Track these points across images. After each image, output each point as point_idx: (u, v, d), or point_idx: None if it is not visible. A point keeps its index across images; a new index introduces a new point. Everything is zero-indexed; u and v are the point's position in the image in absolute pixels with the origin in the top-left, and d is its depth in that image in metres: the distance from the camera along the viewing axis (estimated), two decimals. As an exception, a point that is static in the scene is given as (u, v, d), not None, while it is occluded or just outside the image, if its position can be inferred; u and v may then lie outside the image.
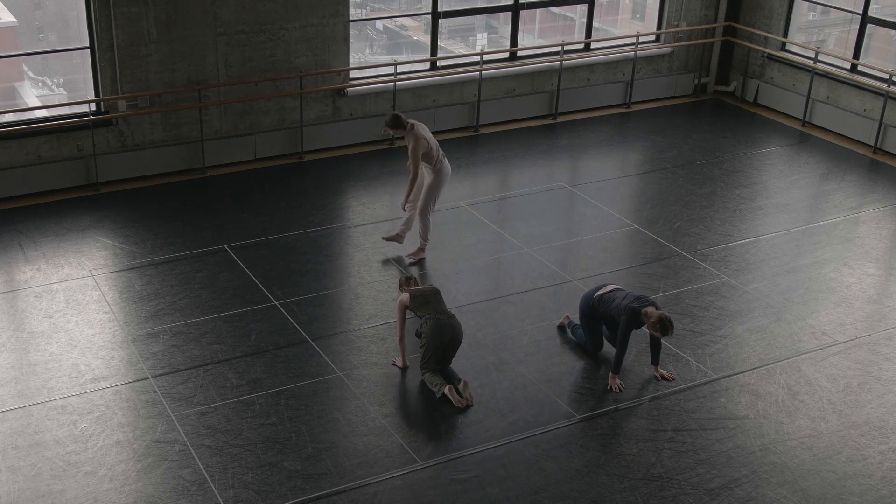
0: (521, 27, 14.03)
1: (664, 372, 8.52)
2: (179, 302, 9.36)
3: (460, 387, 8.09)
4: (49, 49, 12.64)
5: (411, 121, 10.03)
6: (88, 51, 11.44)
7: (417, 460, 7.45)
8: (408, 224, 10.33)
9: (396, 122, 9.94)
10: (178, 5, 11.50)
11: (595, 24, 14.55)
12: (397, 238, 10.35)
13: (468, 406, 8.02)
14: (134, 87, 11.60)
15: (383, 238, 10.43)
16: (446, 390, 8.06)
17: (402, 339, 8.44)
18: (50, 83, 13.18)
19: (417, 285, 8.53)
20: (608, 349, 8.77)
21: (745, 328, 9.30)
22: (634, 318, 8.19)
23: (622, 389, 8.32)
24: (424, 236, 10.22)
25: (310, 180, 12.04)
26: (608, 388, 8.33)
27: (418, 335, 8.25)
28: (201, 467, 7.28)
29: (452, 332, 8.16)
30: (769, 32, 14.83)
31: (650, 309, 8.14)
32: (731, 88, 15.49)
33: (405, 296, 8.30)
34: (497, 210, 11.46)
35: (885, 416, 8.15)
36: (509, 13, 13.93)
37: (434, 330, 8.09)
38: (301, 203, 11.41)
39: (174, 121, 11.95)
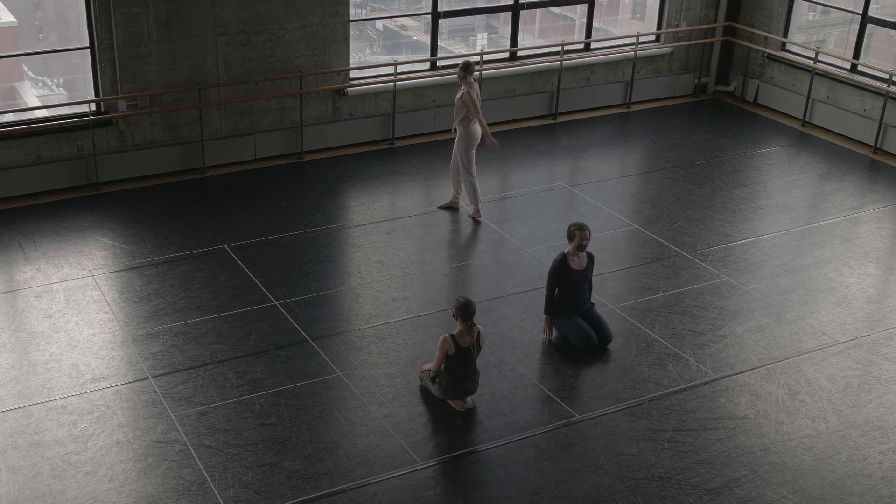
0: (521, 27, 14.04)
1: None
2: (179, 302, 9.36)
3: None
4: (49, 49, 12.65)
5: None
6: (88, 51, 11.44)
7: (417, 460, 7.46)
8: (457, 188, 11.25)
9: (469, 69, 10.67)
10: (178, 5, 11.50)
11: (595, 24, 14.55)
12: (452, 204, 11.28)
13: (468, 410, 8.01)
14: (134, 87, 11.61)
15: (439, 207, 11.27)
16: None
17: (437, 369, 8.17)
18: (50, 83, 13.19)
19: (472, 321, 7.92)
20: (611, 350, 8.79)
21: (745, 328, 9.31)
22: (558, 261, 8.84)
23: (549, 338, 8.89)
24: (474, 200, 11.08)
25: (310, 180, 12.04)
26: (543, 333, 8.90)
27: (433, 380, 8.06)
28: (201, 467, 7.29)
29: (466, 392, 8.06)
30: (769, 32, 14.83)
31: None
32: (731, 88, 15.49)
33: (450, 344, 7.83)
34: (497, 210, 11.46)
35: (885, 416, 8.15)
36: (509, 13, 13.93)
37: (449, 389, 7.97)
38: (301, 203, 11.41)
39: (174, 121, 11.96)
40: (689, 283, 10.03)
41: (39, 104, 12.23)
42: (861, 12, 13.84)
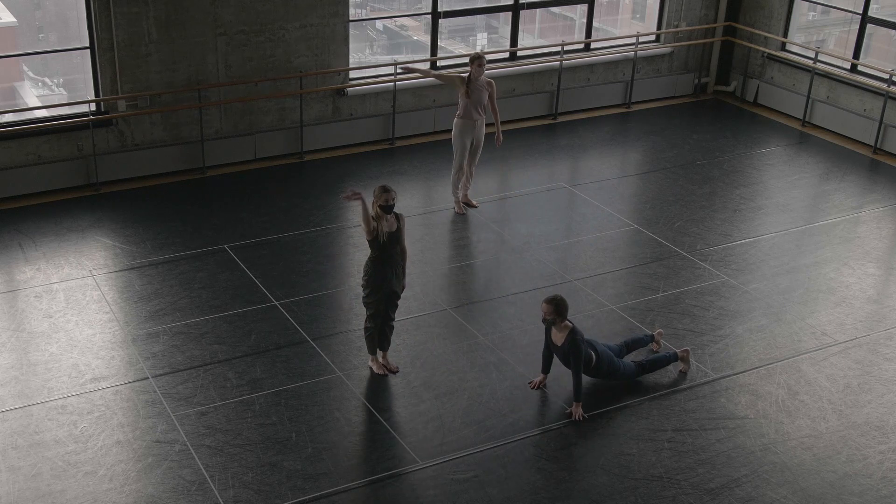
0: (521, 27, 14.03)
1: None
2: (179, 302, 9.36)
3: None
4: (49, 49, 12.64)
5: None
6: (88, 51, 11.44)
7: (417, 460, 7.46)
8: (464, 188, 11.37)
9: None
10: (178, 5, 11.50)
11: (595, 24, 14.55)
12: (465, 205, 11.37)
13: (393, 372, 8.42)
14: (134, 87, 11.60)
15: (459, 213, 11.29)
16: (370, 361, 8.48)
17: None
18: (50, 83, 13.18)
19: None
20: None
21: (745, 328, 9.31)
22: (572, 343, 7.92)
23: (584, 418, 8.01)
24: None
25: (310, 180, 12.04)
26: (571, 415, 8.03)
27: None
28: (201, 467, 7.29)
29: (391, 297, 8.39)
30: (769, 32, 14.83)
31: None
32: (731, 88, 15.49)
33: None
34: (497, 210, 11.45)
35: (885, 416, 8.15)
36: (509, 13, 13.93)
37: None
38: (301, 203, 11.41)
39: (174, 121, 11.96)
40: (689, 283, 10.03)
41: (39, 104, 12.22)
42: (861, 12, 13.84)
